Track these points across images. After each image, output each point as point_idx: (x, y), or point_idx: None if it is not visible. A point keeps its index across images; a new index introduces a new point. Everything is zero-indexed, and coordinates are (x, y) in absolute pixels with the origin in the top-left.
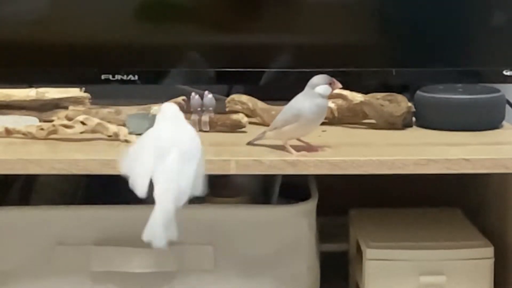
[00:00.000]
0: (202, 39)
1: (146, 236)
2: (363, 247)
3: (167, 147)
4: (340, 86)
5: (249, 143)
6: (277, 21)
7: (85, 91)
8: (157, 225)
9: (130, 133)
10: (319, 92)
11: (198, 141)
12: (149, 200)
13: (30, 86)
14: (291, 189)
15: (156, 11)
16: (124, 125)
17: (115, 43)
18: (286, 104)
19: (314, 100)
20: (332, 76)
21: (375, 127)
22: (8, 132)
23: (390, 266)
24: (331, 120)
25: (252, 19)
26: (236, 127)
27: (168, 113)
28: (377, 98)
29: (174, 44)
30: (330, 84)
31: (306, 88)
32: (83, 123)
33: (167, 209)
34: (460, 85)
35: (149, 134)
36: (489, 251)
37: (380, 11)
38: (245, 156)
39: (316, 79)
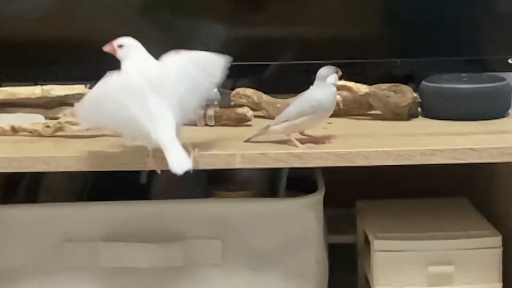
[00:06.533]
0: (205, 33)
1: (175, 169)
2: (371, 239)
3: (138, 89)
4: (341, 73)
5: (248, 140)
6: (281, 14)
7: (90, 88)
8: (177, 152)
9: None
10: (331, 82)
11: (165, 69)
12: (155, 196)
13: (35, 84)
14: (298, 181)
15: (159, 6)
16: None
17: None
18: (291, 96)
19: (329, 90)
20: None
21: (380, 118)
22: (15, 130)
23: (398, 257)
24: (337, 112)
25: (256, 12)
26: (242, 121)
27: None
28: (382, 89)
29: (177, 38)
30: (336, 73)
31: (317, 81)
32: None
33: (172, 138)
34: (465, 74)
35: (114, 78)
36: (497, 240)
37: (384, 1)
38: (250, 150)
39: (324, 70)
